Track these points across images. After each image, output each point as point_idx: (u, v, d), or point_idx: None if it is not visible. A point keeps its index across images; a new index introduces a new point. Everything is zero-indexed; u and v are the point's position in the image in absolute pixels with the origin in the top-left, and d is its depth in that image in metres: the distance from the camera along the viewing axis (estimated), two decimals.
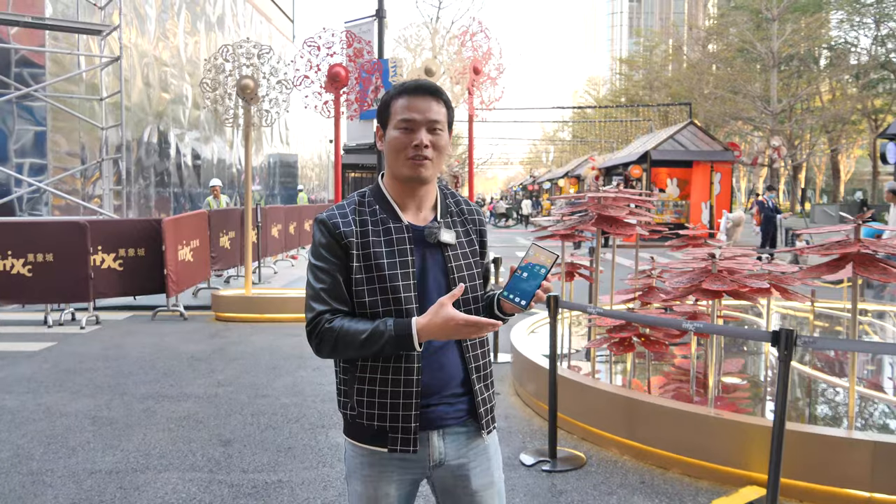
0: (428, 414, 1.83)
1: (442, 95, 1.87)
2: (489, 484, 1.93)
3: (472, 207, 2.00)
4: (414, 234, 1.85)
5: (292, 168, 38.52)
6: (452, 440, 1.88)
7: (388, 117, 1.87)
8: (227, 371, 6.58)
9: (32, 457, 4.41)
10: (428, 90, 1.85)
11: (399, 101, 1.84)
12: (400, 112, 1.83)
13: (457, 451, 1.89)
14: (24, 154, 14.99)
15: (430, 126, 1.83)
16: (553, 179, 53.17)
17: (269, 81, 9.29)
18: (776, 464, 3.26)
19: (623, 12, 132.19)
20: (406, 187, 1.87)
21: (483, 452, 1.93)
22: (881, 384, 5.73)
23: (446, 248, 1.86)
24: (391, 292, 1.80)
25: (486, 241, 2.00)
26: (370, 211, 1.87)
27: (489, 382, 1.93)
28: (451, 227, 1.90)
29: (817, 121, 30.40)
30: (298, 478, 4.09)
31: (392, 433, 1.82)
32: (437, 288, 1.84)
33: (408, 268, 1.81)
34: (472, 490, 1.91)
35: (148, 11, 20.53)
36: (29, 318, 9.30)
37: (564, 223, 5.95)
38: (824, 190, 52.00)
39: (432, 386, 1.83)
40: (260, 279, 12.47)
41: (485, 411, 1.89)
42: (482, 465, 1.93)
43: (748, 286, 4.63)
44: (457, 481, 1.92)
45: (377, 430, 1.84)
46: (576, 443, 4.68)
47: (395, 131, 1.84)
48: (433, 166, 1.85)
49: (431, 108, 1.83)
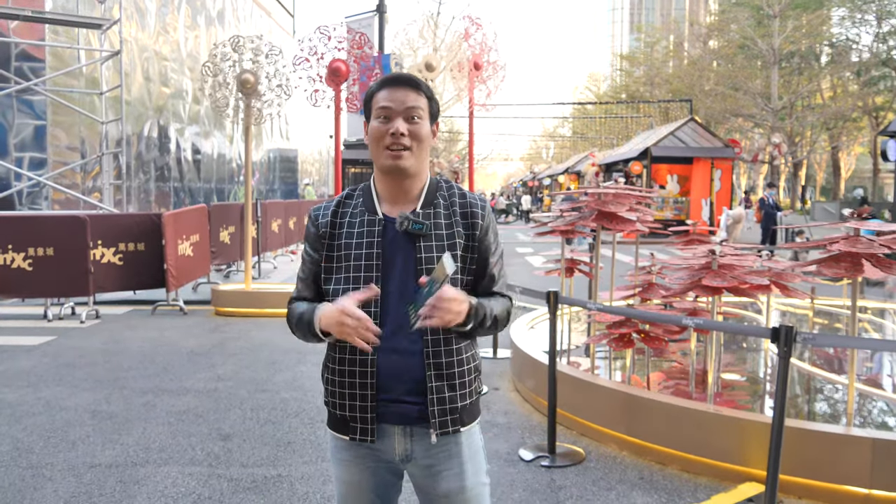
0: (389, 409, 1.84)
1: (421, 86, 1.87)
2: (459, 489, 1.88)
3: (470, 201, 1.92)
4: (388, 225, 1.85)
5: (292, 163, 38.48)
6: (420, 439, 1.87)
7: (370, 110, 1.89)
8: (226, 366, 6.58)
9: (32, 450, 4.42)
10: (406, 81, 1.87)
11: (379, 94, 1.86)
12: (377, 103, 1.86)
13: (425, 451, 1.87)
14: (23, 148, 14.97)
15: (407, 115, 1.83)
16: (553, 175, 53.14)
17: (270, 83, 9.26)
18: (775, 460, 3.26)
19: (624, 8, 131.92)
20: (389, 179, 1.88)
21: (455, 456, 1.88)
22: (880, 381, 5.74)
23: (418, 239, 1.83)
24: (353, 282, 1.83)
25: (485, 238, 1.91)
26: (354, 203, 1.92)
27: (458, 382, 1.86)
28: (429, 218, 1.85)
29: (818, 118, 30.37)
30: (298, 472, 4.09)
31: (352, 422, 1.87)
32: (404, 280, 1.82)
33: (372, 259, 1.83)
34: (439, 493, 1.89)
35: (148, 5, 20.49)
36: (29, 313, 9.30)
37: (564, 219, 5.95)
38: (825, 187, 51.96)
39: (392, 382, 1.82)
40: (260, 274, 12.47)
41: (439, 411, 1.83)
42: (452, 469, 1.88)
43: (748, 283, 4.63)
44: (425, 481, 1.92)
45: (339, 419, 1.90)
46: (575, 438, 4.69)
47: (374, 122, 1.86)
48: (413, 156, 1.84)
49: (409, 98, 1.84)
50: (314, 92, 9.25)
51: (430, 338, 1.82)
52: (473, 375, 1.92)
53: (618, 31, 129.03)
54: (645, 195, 5.97)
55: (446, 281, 1.67)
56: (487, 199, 2.05)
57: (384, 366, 1.82)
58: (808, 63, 33.80)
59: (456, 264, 1.79)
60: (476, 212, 1.91)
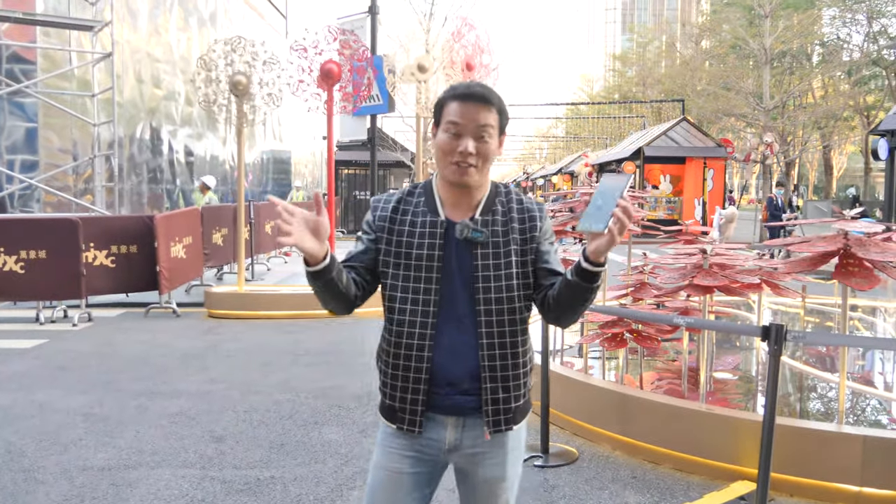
0: (444, 400, 1.90)
1: (493, 101, 1.86)
2: (500, 478, 1.97)
3: (527, 206, 1.96)
4: (449, 229, 1.89)
5: (286, 164, 38.39)
6: (471, 429, 1.93)
7: (439, 119, 1.90)
8: (219, 368, 6.57)
9: (24, 454, 4.40)
10: (478, 97, 1.85)
11: (451, 105, 1.86)
12: (448, 115, 1.86)
13: (473, 441, 1.94)
14: (15, 150, 14.90)
15: (477, 133, 1.84)
16: (546, 176, 53.20)
17: (262, 89, 9.25)
18: (766, 458, 3.28)
19: (617, 9, 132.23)
20: (452, 188, 1.91)
21: (501, 447, 1.96)
22: (871, 379, 5.77)
23: (476, 247, 1.87)
24: (413, 281, 1.87)
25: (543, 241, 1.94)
26: (416, 202, 1.94)
27: (512, 385, 1.92)
28: (487, 225, 1.89)
29: (809, 117, 30.46)
30: (291, 474, 4.09)
31: (401, 413, 1.91)
32: (462, 285, 1.88)
33: (433, 261, 1.87)
34: (479, 479, 1.97)
35: (140, 7, 20.42)
36: (21, 316, 9.26)
37: (556, 219, 5.96)
38: (817, 186, 52.17)
39: (447, 375, 1.88)
40: (253, 276, 12.45)
41: (493, 411, 1.90)
42: (497, 457, 1.96)
43: (739, 282, 4.65)
44: (468, 466, 1.98)
45: (389, 407, 1.95)
46: (568, 438, 4.70)
47: (443, 134, 1.87)
48: (478, 172, 1.87)
49: (480, 115, 1.84)
50: (298, 82, 9.23)
51: (485, 330, 1.87)
52: (528, 375, 2.00)
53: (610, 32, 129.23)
54: (637, 196, 5.99)
55: (628, 185, 1.71)
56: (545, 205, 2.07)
57: (439, 361, 1.88)
58: (799, 63, 33.93)
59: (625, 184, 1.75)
60: (534, 215, 1.95)
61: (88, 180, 16.34)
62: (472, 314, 1.88)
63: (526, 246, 1.92)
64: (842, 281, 4.17)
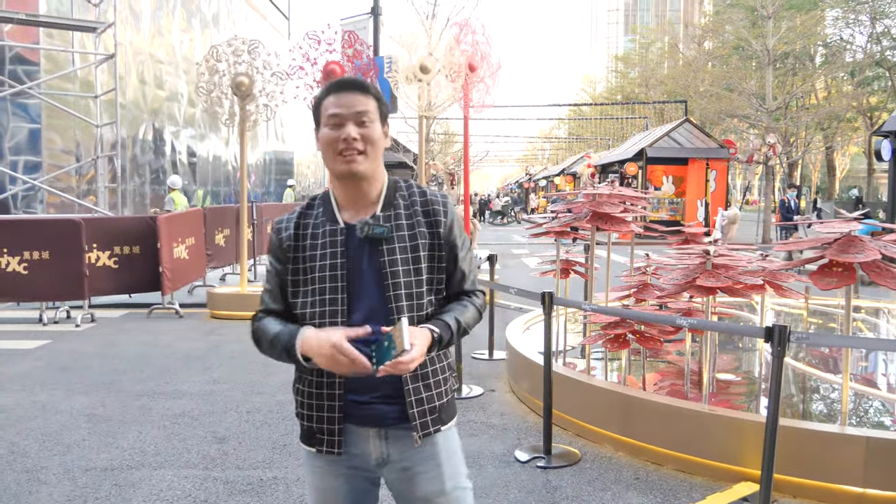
0: (363, 411, 1.82)
1: (369, 89, 1.85)
2: (438, 492, 1.85)
3: (431, 199, 1.89)
4: (349, 233, 1.84)
5: (288, 165, 38.44)
6: (395, 441, 1.84)
7: (319, 118, 1.86)
8: (222, 368, 6.58)
9: (27, 454, 4.41)
10: (353, 85, 1.84)
11: (328, 100, 1.84)
12: (328, 110, 1.83)
13: (400, 454, 1.85)
14: (18, 151, 14.94)
15: (357, 119, 1.81)
16: (549, 177, 53.18)
17: (264, 75, 9.25)
18: (769, 459, 3.27)
19: (619, 10, 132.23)
20: (346, 184, 1.86)
21: (431, 458, 1.85)
22: (874, 380, 5.76)
23: (381, 244, 1.82)
24: (318, 294, 1.82)
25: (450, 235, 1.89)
26: (315, 214, 1.89)
27: (433, 381, 1.85)
28: (389, 220, 1.84)
29: (812, 118, 30.40)
30: (293, 475, 4.09)
31: (319, 434, 1.84)
32: (371, 287, 1.81)
33: (336, 270, 1.81)
34: (417, 496, 1.86)
35: (143, 8, 20.47)
36: (24, 316, 9.28)
37: (560, 220, 5.96)
38: (820, 187, 52.09)
39: (366, 383, 1.79)
40: (255, 277, 12.46)
41: (419, 412, 1.81)
42: (430, 471, 1.85)
43: (742, 283, 4.64)
44: (402, 485, 1.88)
45: (307, 431, 1.88)
46: (570, 439, 4.69)
47: (324, 129, 1.83)
48: (367, 160, 1.82)
49: (358, 101, 1.81)
50: (299, 68, 9.22)
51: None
52: (448, 373, 1.91)
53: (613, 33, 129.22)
54: (640, 196, 5.98)
55: (402, 349, 1.61)
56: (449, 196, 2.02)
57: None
58: (802, 64, 33.86)
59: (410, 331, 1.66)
60: (438, 209, 1.88)
61: (91, 181, 16.37)
62: (386, 312, 1.79)
63: (434, 240, 1.86)
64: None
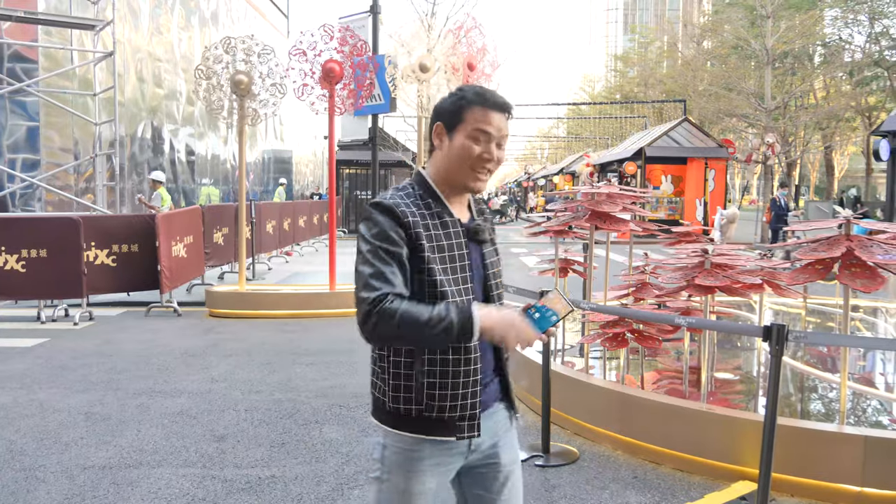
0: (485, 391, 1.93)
1: (512, 113, 1.93)
2: (515, 459, 2.01)
3: (483, 209, 2.09)
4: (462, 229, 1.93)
5: (287, 164, 38.44)
6: (488, 419, 1.94)
7: (459, 123, 1.86)
8: (220, 367, 6.57)
9: (25, 452, 4.40)
10: (507, 108, 1.90)
11: (476, 111, 1.85)
12: (476, 122, 1.84)
13: (492, 430, 1.96)
14: (16, 149, 14.93)
15: (500, 143, 1.89)
16: (548, 176, 53.19)
17: (264, 82, 9.24)
18: (768, 458, 3.28)
19: (618, 9, 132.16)
20: (455, 190, 1.93)
21: (510, 430, 2.02)
22: (872, 379, 5.77)
23: (485, 245, 1.97)
24: (451, 273, 1.87)
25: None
26: (424, 203, 1.89)
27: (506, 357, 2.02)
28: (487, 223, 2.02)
29: (811, 118, 30.42)
30: (292, 473, 4.09)
31: (459, 421, 1.85)
32: (479, 281, 1.93)
33: (464, 260, 1.89)
34: (501, 465, 1.97)
35: (141, 6, 20.45)
36: (22, 315, 9.27)
37: (558, 219, 5.96)
38: (818, 187, 52.13)
39: (485, 366, 1.93)
40: (254, 275, 12.45)
41: (513, 392, 2.02)
42: (510, 441, 2.01)
43: (741, 282, 4.65)
44: (486, 459, 1.96)
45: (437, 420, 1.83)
46: (569, 438, 4.70)
47: (466, 140, 1.85)
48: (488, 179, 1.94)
49: (505, 125, 1.89)
50: (303, 86, 9.22)
51: None
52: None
53: (612, 32, 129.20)
54: (638, 195, 5.98)
55: (567, 315, 1.84)
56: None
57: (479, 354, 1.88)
58: (801, 63, 33.86)
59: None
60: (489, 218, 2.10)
61: (90, 179, 16.37)
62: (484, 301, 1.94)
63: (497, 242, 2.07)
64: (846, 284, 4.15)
